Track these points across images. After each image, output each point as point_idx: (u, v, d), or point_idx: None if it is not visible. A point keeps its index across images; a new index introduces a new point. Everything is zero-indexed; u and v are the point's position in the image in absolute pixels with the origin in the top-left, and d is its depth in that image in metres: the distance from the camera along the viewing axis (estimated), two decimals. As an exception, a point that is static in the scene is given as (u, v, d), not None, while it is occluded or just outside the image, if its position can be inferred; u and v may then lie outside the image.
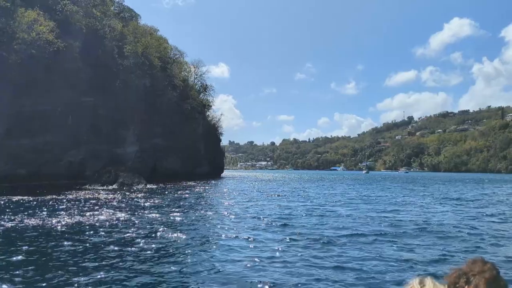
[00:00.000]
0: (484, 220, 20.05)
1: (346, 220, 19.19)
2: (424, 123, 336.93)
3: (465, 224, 18.38)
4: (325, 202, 28.99)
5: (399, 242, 13.66)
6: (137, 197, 30.03)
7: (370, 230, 16.24)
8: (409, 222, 18.68)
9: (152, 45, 62.81)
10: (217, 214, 21.38)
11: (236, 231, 15.81)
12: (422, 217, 20.87)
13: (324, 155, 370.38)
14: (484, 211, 23.93)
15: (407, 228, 16.74)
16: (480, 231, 16.41)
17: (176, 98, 65.90)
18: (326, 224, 17.65)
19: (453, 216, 21.63)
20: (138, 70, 59.14)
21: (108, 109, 54.00)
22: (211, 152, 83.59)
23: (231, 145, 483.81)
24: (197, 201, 28.46)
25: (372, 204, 27.50)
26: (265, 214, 21.10)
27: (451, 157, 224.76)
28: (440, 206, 26.86)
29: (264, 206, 25.36)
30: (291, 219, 19.18)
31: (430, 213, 22.67)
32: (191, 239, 13.93)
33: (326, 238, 14.09)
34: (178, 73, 69.50)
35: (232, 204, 26.90)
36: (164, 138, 63.04)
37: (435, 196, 37.30)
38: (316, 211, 22.85)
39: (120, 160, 55.41)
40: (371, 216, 20.69)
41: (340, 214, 21.68)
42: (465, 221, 19.53)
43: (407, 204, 28.46)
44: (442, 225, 17.93)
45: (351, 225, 17.50)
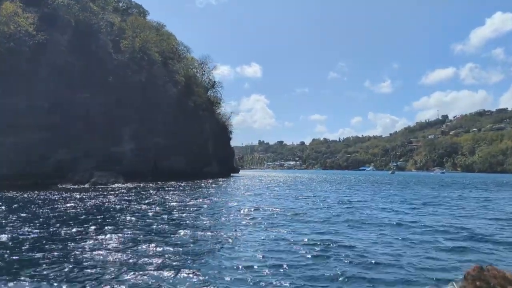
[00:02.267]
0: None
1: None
2: (459, 122, 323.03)
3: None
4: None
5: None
6: (90, 198, 27.38)
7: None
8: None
9: (151, 40, 60.52)
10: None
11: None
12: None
13: (353, 155, 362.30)
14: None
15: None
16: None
17: (178, 95, 63.40)
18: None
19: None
20: (135, 66, 57.01)
21: (103, 106, 52.01)
22: (220, 151, 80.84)
23: (261, 144, 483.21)
24: (151, 207, 25.33)
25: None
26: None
27: (486, 157, 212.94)
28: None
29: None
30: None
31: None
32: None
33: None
34: (182, 69, 66.88)
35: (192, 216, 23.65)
36: (166, 136, 60.56)
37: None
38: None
39: (116, 158, 53.36)
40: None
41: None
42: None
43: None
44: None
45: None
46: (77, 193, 31.79)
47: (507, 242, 14.16)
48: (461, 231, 16.35)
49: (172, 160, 61.42)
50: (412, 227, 17.33)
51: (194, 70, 78.19)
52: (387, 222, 18.60)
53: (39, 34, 42.39)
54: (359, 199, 32.26)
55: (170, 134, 60.55)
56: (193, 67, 78.96)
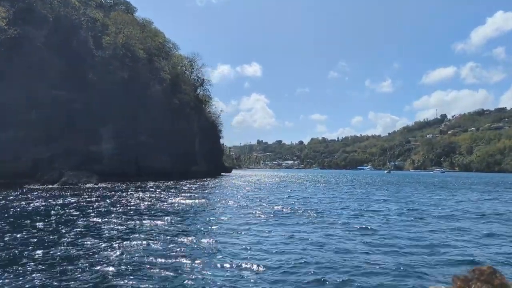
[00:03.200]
0: None
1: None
2: (458, 121, 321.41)
3: None
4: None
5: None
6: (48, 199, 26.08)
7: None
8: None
9: (135, 36, 59.17)
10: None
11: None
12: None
13: (351, 154, 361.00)
14: None
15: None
16: None
17: (163, 92, 62.03)
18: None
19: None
20: (117, 62, 55.68)
21: (84, 104, 50.72)
22: (209, 150, 79.51)
23: (260, 144, 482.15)
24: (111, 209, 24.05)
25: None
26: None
27: (484, 156, 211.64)
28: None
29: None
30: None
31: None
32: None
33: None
34: (168, 66, 65.46)
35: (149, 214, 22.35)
36: (149, 134, 59.13)
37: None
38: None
39: (96, 158, 52.12)
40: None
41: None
42: None
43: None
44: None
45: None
46: (38, 194, 30.48)
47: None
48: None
49: (156, 160, 60.02)
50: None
51: (183, 68, 76.81)
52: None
53: (11, 29, 41.04)
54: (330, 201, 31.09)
55: (154, 132, 59.17)
56: (182, 64, 77.57)
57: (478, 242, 14.36)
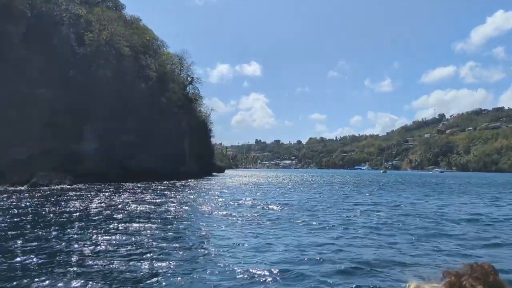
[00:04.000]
0: None
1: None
2: (456, 121, 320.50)
3: None
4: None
5: None
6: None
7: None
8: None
9: (119, 33, 57.88)
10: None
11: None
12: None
13: (349, 154, 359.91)
14: None
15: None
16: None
17: (149, 91, 60.69)
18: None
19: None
20: (100, 60, 54.40)
21: (64, 102, 49.37)
22: (199, 150, 78.22)
23: (258, 143, 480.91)
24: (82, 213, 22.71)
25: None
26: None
27: (481, 156, 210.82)
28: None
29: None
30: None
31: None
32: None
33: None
34: (154, 64, 64.10)
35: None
36: (134, 134, 57.77)
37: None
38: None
39: (78, 158, 50.80)
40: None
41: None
42: None
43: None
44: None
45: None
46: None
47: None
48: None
49: (142, 160, 58.70)
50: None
51: (172, 66, 75.46)
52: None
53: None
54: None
55: (140, 132, 57.86)
56: (172, 63, 76.25)
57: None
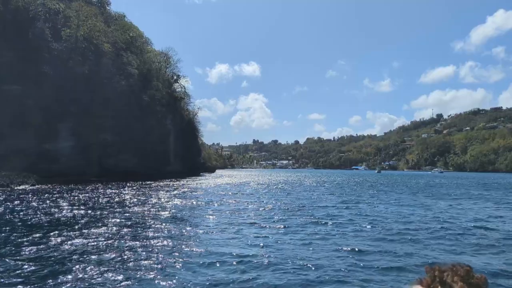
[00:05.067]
0: None
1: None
2: (454, 121, 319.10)
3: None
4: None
5: None
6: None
7: None
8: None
9: (98, 28, 55.91)
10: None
11: None
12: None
13: (346, 154, 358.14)
14: None
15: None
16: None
17: (130, 88, 58.73)
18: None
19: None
20: (78, 56, 52.50)
21: (38, 99, 47.44)
22: (185, 149, 76.27)
23: (255, 143, 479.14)
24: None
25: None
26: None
27: (477, 156, 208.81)
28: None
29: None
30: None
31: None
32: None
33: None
34: (136, 61, 62.06)
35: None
36: (115, 132, 55.87)
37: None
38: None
39: (52, 157, 48.83)
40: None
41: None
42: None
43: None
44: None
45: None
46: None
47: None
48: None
49: (122, 159, 56.85)
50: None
51: (157, 64, 73.40)
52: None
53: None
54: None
55: (119, 130, 55.91)
56: (157, 61, 74.21)
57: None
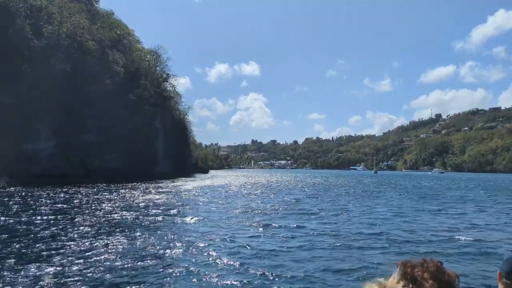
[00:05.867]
0: None
1: None
2: (452, 121, 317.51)
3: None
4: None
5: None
6: None
7: None
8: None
9: (82, 25, 54.39)
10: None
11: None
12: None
13: (345, 154, 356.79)
14: None
15: None
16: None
17: (115, 87, 57.16)
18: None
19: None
20: (60, 54, 50.98)
21: (15, 97, 45.87)
22: (176, 150, 74.72)
23: (254, 143, 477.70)
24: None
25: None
26: None
27: (476, 156, 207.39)
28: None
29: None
30: None
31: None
32: None
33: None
34: (122, 59, 60.44)
35: None
36: (98, 132, 54.29)
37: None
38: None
39: (32, 158, 47.26)
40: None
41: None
42: None
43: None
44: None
45: None
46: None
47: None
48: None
49: (107, 160, 55.30)
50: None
51: (146, 63, 71.76)
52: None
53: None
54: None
55: (104, 130, 54.37)
56: (146, 59, 72.61)
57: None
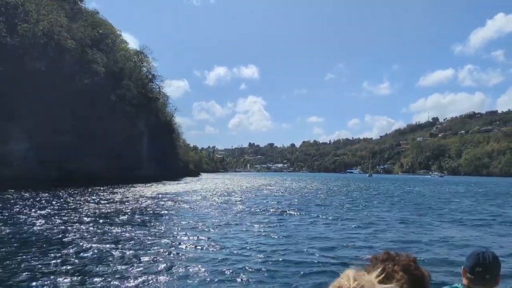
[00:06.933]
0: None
1: None
2: (449, 124, 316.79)
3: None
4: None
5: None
6: None
7: None
8: None
9: (59, 23, 52.57)
10: None
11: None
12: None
13: (341, 157, 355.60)
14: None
15: None
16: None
17: (95, 87, 55.21)
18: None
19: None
20: (35, 52, 49.17)
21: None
22: (162, 153, 72.84)
23: (251, 147, 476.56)
24: None
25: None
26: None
27: (472, 159, 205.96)
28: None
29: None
30: None
31: None
32: None
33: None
34: (102, 58, 58.52)
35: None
36: (76, 134, 52.28)
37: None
38: None
39: (3, 159, 45.29)
40: None
41: None
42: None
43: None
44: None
45: None
46: None
47: None
48: None
49: (86, 162, 53.33)
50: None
51: (131, 63, 69.90)
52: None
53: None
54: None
55: (82, 132, 52.40)
56: (131, 59, 70.78)
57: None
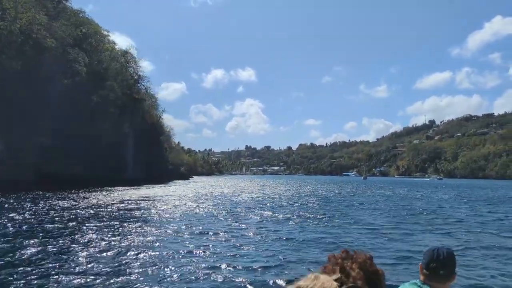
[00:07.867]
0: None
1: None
2: (446, 127, 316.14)
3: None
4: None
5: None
6: None
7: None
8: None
9: (38, 22, 50.77)
10: None
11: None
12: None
13: (338, 160, 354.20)
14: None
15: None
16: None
17: (75, 88, 53.36)
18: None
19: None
20: (11, 51, 47.37)
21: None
22: (148, 154, 71.01)
23: (248, 149, 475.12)
24: None
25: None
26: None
27: (468, 162, 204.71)
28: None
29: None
30: None
31: None
32: None
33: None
34: (83, 58, 56.66)
35: None
36: (55, 135, 50.44)
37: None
38: None
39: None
40: None
41: None
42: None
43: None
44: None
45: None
46: None
47: None
48: None
49: (65, 165, 51.48)
50: None
51: (117, 64, 68.01)
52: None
53: None
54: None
55: (60, 133, 50.53)
56: (117, 59, 68.94)
57: None
